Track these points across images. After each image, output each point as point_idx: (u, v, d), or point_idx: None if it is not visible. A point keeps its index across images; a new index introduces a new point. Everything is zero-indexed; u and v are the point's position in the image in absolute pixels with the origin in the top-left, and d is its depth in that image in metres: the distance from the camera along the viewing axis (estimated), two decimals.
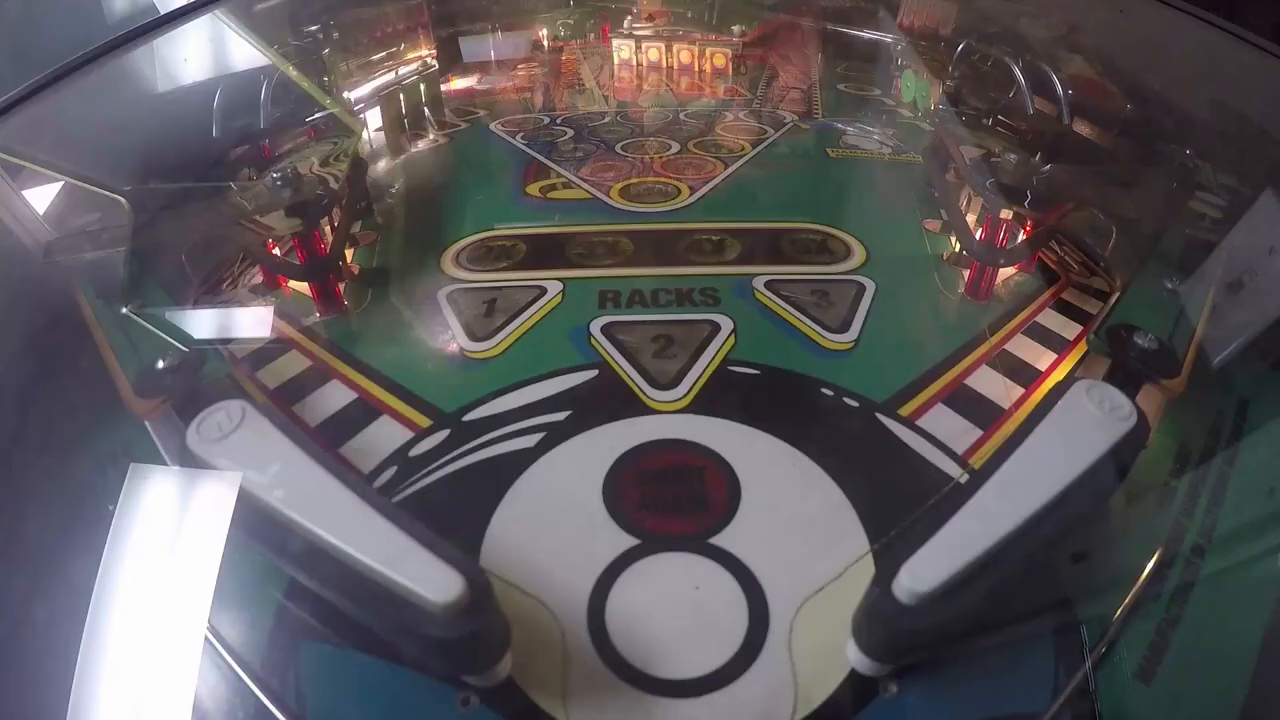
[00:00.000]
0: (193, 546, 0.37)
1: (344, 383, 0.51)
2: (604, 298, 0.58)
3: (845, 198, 0.81)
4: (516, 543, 0.40)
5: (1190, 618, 0.37)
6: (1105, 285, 0.59)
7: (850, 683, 0.35)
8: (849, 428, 0.48)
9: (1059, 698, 0.35)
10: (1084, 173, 0.68)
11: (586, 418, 0.47)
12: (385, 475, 0.44)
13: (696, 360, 0.51)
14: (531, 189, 0.77)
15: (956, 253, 0.65)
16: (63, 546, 0.40)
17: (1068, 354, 0.54)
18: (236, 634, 0.37)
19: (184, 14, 0.82)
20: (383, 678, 0.36)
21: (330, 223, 0.64)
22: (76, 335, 0.50)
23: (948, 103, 0.82)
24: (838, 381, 0.50)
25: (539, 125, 0.96)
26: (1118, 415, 0.39)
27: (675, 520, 0.41)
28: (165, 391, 0.44)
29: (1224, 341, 0.48)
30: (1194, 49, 0.81)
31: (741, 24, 1.13)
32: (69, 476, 0.45)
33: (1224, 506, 0.42)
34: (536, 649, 0.36)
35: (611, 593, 0.38)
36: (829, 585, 0.38)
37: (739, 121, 0.96)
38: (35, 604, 0.39)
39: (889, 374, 0.51)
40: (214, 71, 0.81)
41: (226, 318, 0.57)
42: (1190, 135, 0.71)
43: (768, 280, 0.60)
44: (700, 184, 0.76)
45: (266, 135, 0.76)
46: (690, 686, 0.35)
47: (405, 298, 0.61)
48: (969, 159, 0.68)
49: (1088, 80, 0.80)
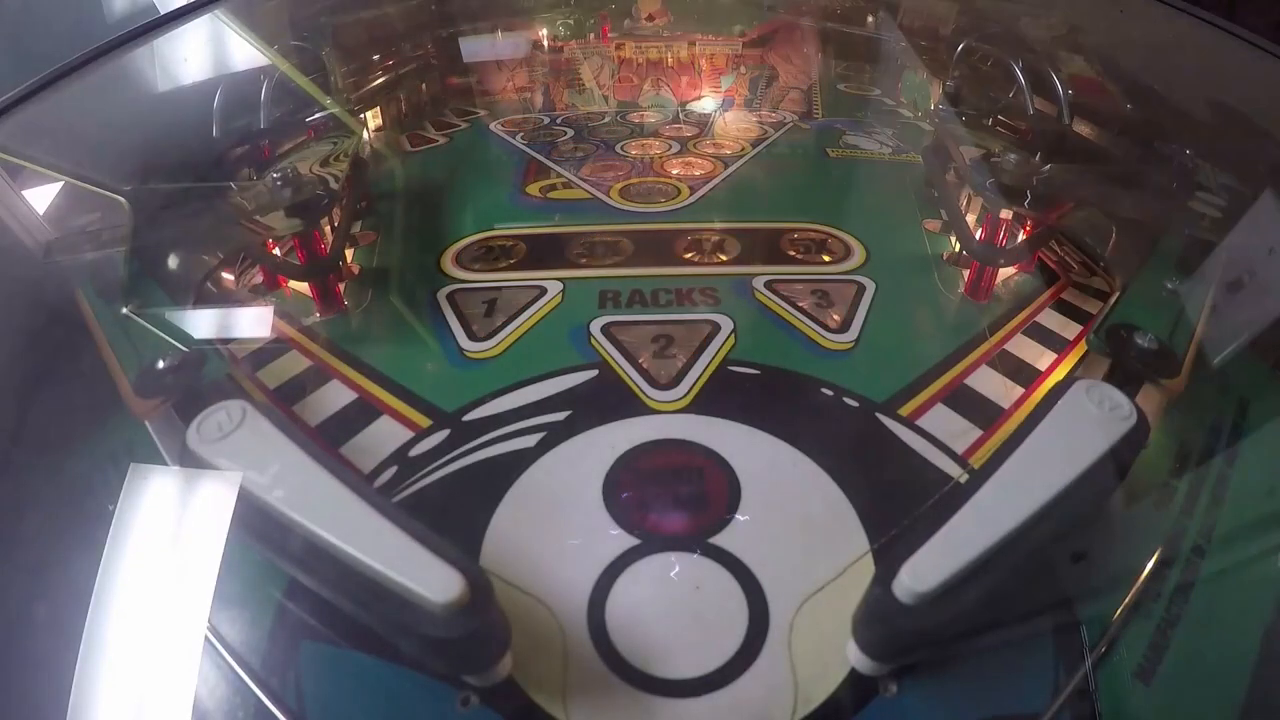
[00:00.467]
0: (193, 546, 0.37)
1: (344, 383, 0.51)
2: (604, 298, 0.58)
3: (845, 198, 0.81)
4: (516, 542, 0.40)
5: (1190, 618, 0.37)
6: (1105, 285, 0.59)
7: (850, 682, 0.35)
8: (849, 428, 0.48)
9: (1059, 698, 0.35)
10: (1084, 173, 0.68)
11: (586, 418, 0.47)
12: (385, 475, 0.44)
13: (696, 360, 0.51)
14: (531, 189, 0.77)
15: (956, 253, 0.65)
16: (63, 546, 0.40)
17: (1067, 354, 0.54)
18: (236, 634, 0.37)
19: (184, 14, 0.82)
20: (383, 677, 0.36)
21: (330, 223, 0.64)
22: (76, 335, 0.50)
23: (947, 103, 0.82)
24: (838, 381, 0.50)
25: (539, 125, 0.96)
26: (1118, 415, 0.39)
27: (675, 520, 0.41)
28: (165, 391, 0.44)
29: (1224, 341, 0.48)
30: (1194, 49, 0.81)
31: (741, 24, 1.13)
32: (69, 476, 0.45)
33: (1224, 506, 0.42)
34: (536, 648, 0.36)
35: (611, 592, 0.38)
36: (829, 585, 0.38)
37: (739, 121, 0.96)
38: (35, 604, 0.39)
39: (889, 374, 0.51)
40: (214, 71, 0.81)
41: (226, 318, 0.57)
42: (1190, 135, 0.71)
43: (768, 280, 0.60)
44: (700, 184, 0.76)
45: (266, 135, 0.76)
46: (690, 686, 0.35)
47: (405, 298, 0.61)
48: (969, 159, 0.68)
49: (1088, 80, 0.80)
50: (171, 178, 0.66)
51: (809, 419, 0.48)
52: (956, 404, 0.49)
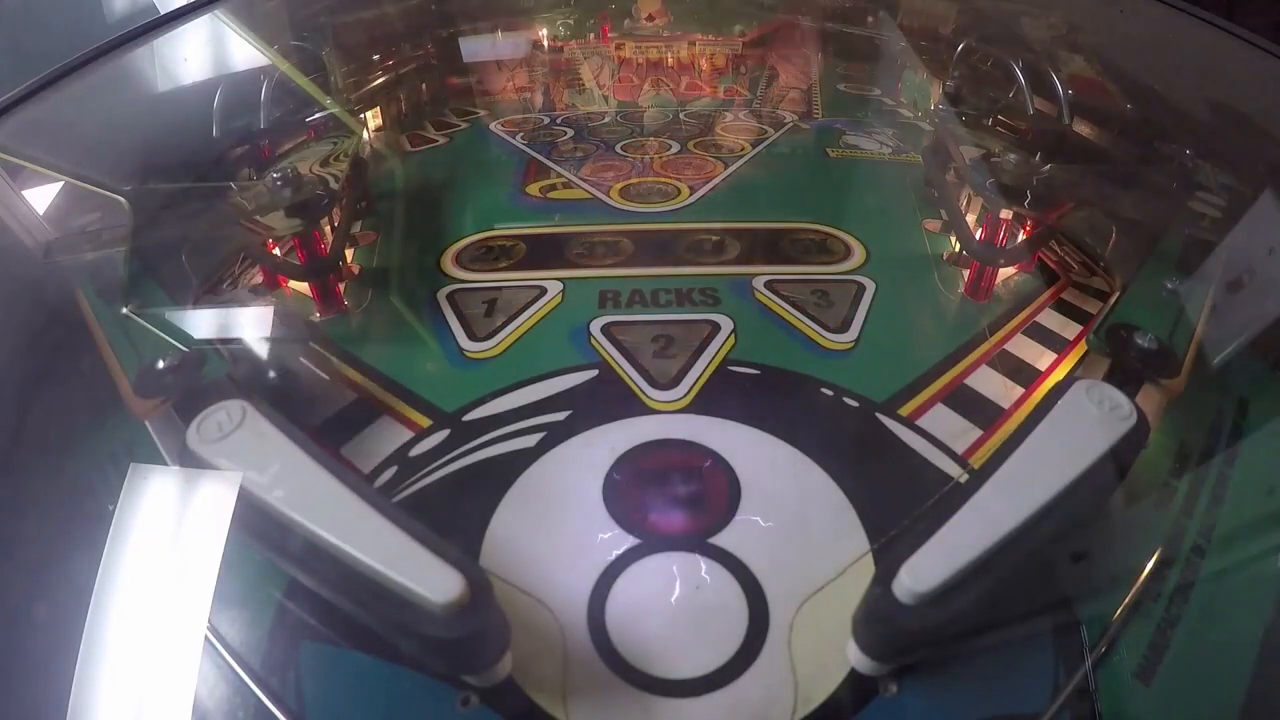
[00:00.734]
0: (193, 546, 0.37)
1: (344, 383, 0.51)
2: (604, 297, 0.58)
3: (845, 198, 0.81)
4: (516, 542, 0.40)
5: (1190, 617, 0.37)
6: (1105, 285, 0.59)
7: (850, 682, 0.35)
8: (849, 428, 0.48)
9: (1059, 697, 0.35)
10: (1084, 173, 0.68)
11: (586, 417, 0.47)
12: (385, 475, 0.44)
13: (696, 360, 0.51)
14: (531, 189, 0.77)
15: (956, 252, 0.65)
16: (63, 546, 0.40)
17: (1067, 354, 0.54)
18: (236, 634, 0.37)
19: (184, 14, 0.82)
20: (382, 677, 0.36)
21: (330, 223, 0.64)
22: (76, 335, 0.50)
23: (947, 102, 0.82)
24: (837, 381, 0.50)
25: (539, 125, 0.96)
26: (1118, 415, 0.39)
27: (675, 520, 0.41)
28: (165, 391, 0.44)
29: (1224, 341, 0.48)
30: (1194, 49, 0.81)
31: (741, 24, 1.13)
32: (69, 476, 0.45)
33: (1224, 506, 0.42)
34: (536, 648, 0.36)
35: (611, 592, 0.38)
36: (829, 585, 0.38)
37: (739, 121, 0.96)
38: (35, 604, 0.39)
39: (889, 374, 0.51)
40: (214, 71, 0.81)
41: (226, 318, 0.57)
42: (1190, 135, 0.71)
43: (767, 280, 0.60)
44: (700, 184, 0.76)
45: (266, 135, 0.76)
46: (690, 686, 0.35)
47: (405, 298, 0.61)
48: (969, 159, 0.68)
49: (1088, 80, 0.80)
50: (172, 178, 0.66)
51: (809, 419, 0.48)
52: (956, 404, 0.49)
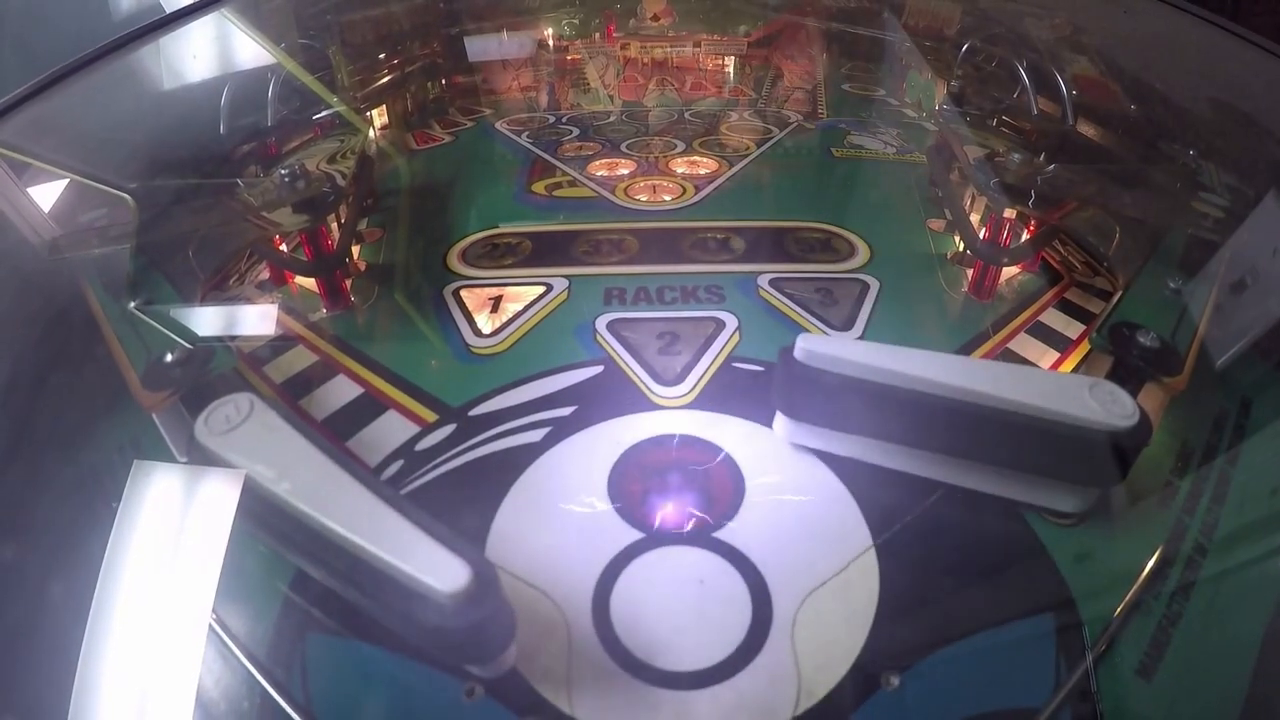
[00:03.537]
0: (199, 538, 0.38)
1: (350, 378, 0.52)
2: (609, 294, 0.58)
3: (849, 197, 0.81)
4: (522, 536, 0.41)
5: (1192, 616, 0.37)
6: (1108, 284, 0.59)
7: (853, 676, 0.35)
8: None
9: (1059, 693, 0.35)
10: (1087, 172, 0.68)
11: (591, 413, 0.47)
12: (392, 469, 0.45)
13: (701, 357, 0.52)
14: (537, 187, 0.77)
15: (960, 252, 0.65)
16: (70, 537, 0.41)
17: (1071, 353, 0.54)
18: (242, 625, 0.37)
19: (190, 12, 0.82)
20: (388, 668, 0.36)
21: (337, 219, 0.64)
22: (84, 329, 0.50)
23: (952, 103, 0.82)
24: None
25: (544, 124, 0.96)
26: (1120, 414, 0.39)
27: (679, 514, 0.41)
28: (173, 385, 0.45)
29: (1227, 341, 0.49)
30: (1197, 49, 0.81)
31: (746, 24, 1.13)
32: (77, 468, 0.45)
33: (1226, 506, 0.42)
34: (541, 641, 0.36)
35: (616, 586, 0.38)
36: (832, 580, 0.38)
37: (744, 121, 0.96)
38: (42, 593, 0.39)
39: None
40: (221, 69, 0.81)
41: (233, 313, 0.57)
42: (1194, 135, 0.71)
43: (772, 278, 0.60)
44: (705, 183, 0.77)
45: (273, 133, 0.76)
46: (694, 679, 0.35)
47: (411, 294, 0.62)
48: (973, 159, 0.69)
49: (1091, 80, 0.80)
50: (179, 174, 0.66)
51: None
52: None
